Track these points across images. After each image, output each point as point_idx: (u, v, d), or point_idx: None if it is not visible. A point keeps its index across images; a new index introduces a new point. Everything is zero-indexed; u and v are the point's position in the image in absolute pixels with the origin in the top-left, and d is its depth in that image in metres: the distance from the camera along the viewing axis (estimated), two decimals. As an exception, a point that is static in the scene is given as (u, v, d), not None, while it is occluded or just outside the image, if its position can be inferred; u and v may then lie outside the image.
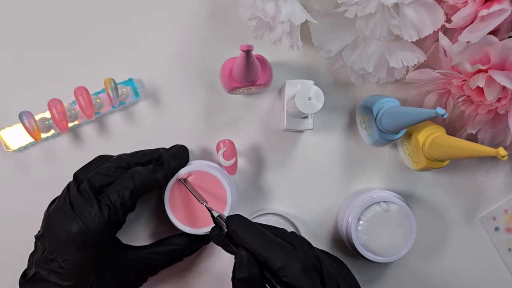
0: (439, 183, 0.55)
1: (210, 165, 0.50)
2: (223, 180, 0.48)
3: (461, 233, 0.55)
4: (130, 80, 0.52)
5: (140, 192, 0.45)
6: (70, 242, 0.42)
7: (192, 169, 0.48)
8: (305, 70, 0.53)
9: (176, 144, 0.50)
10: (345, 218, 0.51)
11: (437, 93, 0.50)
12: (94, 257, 0.44)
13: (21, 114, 0.47)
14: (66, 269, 0.42)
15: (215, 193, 0.48)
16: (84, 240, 0.43)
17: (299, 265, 0.38)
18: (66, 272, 0.42)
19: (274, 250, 0.39)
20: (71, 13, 0.53)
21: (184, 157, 0.49)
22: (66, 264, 0.42)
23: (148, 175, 0.46)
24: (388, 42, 0.47)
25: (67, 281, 0.43)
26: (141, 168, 0.46)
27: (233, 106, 0.53)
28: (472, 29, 0.44)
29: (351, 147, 0.54)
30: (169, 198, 0.48)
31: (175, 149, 0.49)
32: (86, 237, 0.43)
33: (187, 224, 0.48)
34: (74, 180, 0.46)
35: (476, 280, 0.55)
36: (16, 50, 0.52)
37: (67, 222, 0.43)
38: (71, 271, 0.43)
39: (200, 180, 0.48)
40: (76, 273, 0.43)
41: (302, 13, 0.43)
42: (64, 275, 0.42)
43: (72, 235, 0.42)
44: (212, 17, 0.53)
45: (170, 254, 0.49)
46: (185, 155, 0.49)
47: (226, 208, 0.48)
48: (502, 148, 0.38)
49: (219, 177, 0.48)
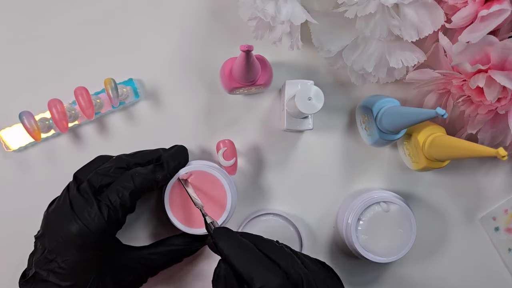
0: (439, 183, 0.55)
1: (210, 165, 0.50)
2: (223, 180, 0.48)
3: (461, 233, 0.55)
4: (130, 80, 0.52)
5: (140, 192, 0.45)
6: (69, 242, 0.42)
7: (192, 169, 0.48)
8: (305, 70, 0.53)
9: (175, 144, 0.50)
10: (345, 218, 0.51)
11: (437, 93, 0.50)
12: (94, 257, 0.44)
13: (21, 114, 0.47)
14: (65, 269, 0.42)
15: (214, 193, 0.48)
16: (84, 240, 0.43)
17: (278, 285, 0.38)
18: (65, 272, 0.42)
19: (256, 269, 0.39)
20: (71, 14, 0.53)
21: (184, 157, 0.49)
22: (66, 264, 0.42)
23: (148, 175, 0.46)
24: (388, 42, 0.47)
25: (67, 281, 0.43)
26: (141, 168, 0.46)
27: (233, 106, 0.53)
28: (472, 29, 0.44)
29: (351, 147, 0.54)
30: (169, 198, 0.48)
31: (175, 149, 0.49)
32: (85, 238, 0.42)
33: (187, 224, 0.48)
34: (74, 180, 0.46)
35: (476, 280, 0.55)
36: (16, 50, 0.52)
37: (67, 222, 0.43)
38: (70, 271, 0.43)
39: (200, 180, 0.48)
40: (76, 274, 0.43)
41: (302, 13, 0.43)
42: (64, 275, 0.42)
43: (71, 235, 0.42)
44: (212, 17, 0.53)
45: (170, 255, 0.49)
46: (185, 155, 0.49)
47: (225, 209, 0.48)
48: (502, 148, 0.38)
49: (219, 177, 0.48)
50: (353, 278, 0.54)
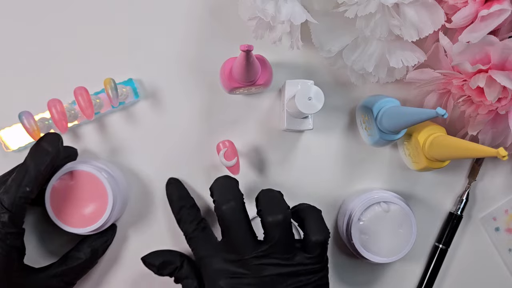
0: (439, 183, 0.54)
1: (84, 161, 0.49)
2: (99, 174, 0.47)
3: (461, 233, 0.55)
4: (130, 80, 0.52)
5: (20, 216, 0.43)
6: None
7: (62, 173, 0.47)
8: (305, 70, 0.53)
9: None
10: (345, 219, 0.51)
11: (438, 93, 0.50)
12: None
13: (21, 114, 0.47)
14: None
15: (94, 192, 0.47)
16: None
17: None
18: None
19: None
20: (71, 13, 0.52)
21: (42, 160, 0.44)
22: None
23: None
24: (388, 42, 0.47)
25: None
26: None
27: (233, 106, 0.53)
28: (472, 29, 0.43)
29: (351, 147, 0.54)
30: (51, 207, 0.47)
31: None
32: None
33: (80, 225, 0.47)
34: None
35: (476, 280, 0.55)
36: (16, 50, 0.52)
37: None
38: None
39: (76, 182, 0.47)
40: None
41: (302, 13, 0.43)
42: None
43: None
44: (212, 17, 0.53)
45: (81, 266, 0.48)
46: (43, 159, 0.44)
47: (107, 205, 0.47)
48: (503, 148, 0.38)
49: (95, 174, 0.47)
50: (353, 278, 0.54)
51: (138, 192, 0.53)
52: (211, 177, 0.53)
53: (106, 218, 0.47)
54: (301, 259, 0.42)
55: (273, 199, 0.44)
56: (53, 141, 0.45)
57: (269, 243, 0.42)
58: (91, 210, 0.47)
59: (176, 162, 0.53)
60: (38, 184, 0.43)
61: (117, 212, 0.48)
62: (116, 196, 0.48)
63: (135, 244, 0.53)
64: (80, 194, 0.47)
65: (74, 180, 0.47)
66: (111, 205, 0.47)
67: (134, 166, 0.53)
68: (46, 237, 0.52)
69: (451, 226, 0.54)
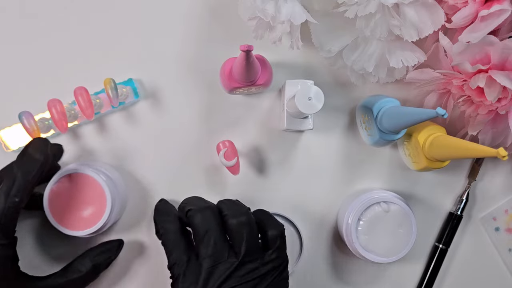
0: (439, 183, 0.54)
1: (83, 164, 0.49)
2: (98, 178, 0.47)
3: (461, 233, 0.55)
4: (130, 80, 0.52)
5: (11, 227, 0.42)
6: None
7: (60, 176, 0.47)
8: (305, 70, 0.53)
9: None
10: (345, 218, 0.51)
11: (438, 93, 0.50)
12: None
13: (21, 114, 0.47)
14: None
15: (91, 195, 0.47)
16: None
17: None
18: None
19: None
20: (71, 13, 0.52)
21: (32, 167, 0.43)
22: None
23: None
24: (388, 42, 0.47)
25: None
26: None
27: (233, 106, 0.53)
28: (472, 29, 0.43)
29: (351, 147, 0.54)
30: (50, 210, 0.47)
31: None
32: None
33: (78, 227, 0.47)
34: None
35: (476, 280, 0.55)
36: (16, 50, 0.52)
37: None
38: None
39: (73, 184, 0.47)
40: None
41: (302, 13, 0.43)
42: None
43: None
44: (212, 17, 0.53)
45: (81, 279, 0.47)
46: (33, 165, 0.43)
47: (105, 210, 0.47)
48: (503, 148, 0.38)
49: (94, 177, 0.47)
50: (353, 278, 0.54)
51: (137, 193, 0.53)
52: (211, 177, 0.53)
53: (104, 220, 0.47)
54: (268, 257, 0.43)
55: (235, 203, 0.45)
56: (41, 147, 0.44)
57: (243, 248, 0.42)
58: (90, 212, 0.47)
59: (176, 162, 0.53)
60: (27, 193, 0.42)
61: (115, 215, 0.49)
62: (115, 198, 0.48)
63: (134, 245, 0.53)
64: (78, 197, 0.47)
65: (72, 183, 0.47)
66: (109, 208, 0.47)
67: (134, 166, 0.53)
68: (45, 239, 0.52)
69: (451, 226, 0.54)
